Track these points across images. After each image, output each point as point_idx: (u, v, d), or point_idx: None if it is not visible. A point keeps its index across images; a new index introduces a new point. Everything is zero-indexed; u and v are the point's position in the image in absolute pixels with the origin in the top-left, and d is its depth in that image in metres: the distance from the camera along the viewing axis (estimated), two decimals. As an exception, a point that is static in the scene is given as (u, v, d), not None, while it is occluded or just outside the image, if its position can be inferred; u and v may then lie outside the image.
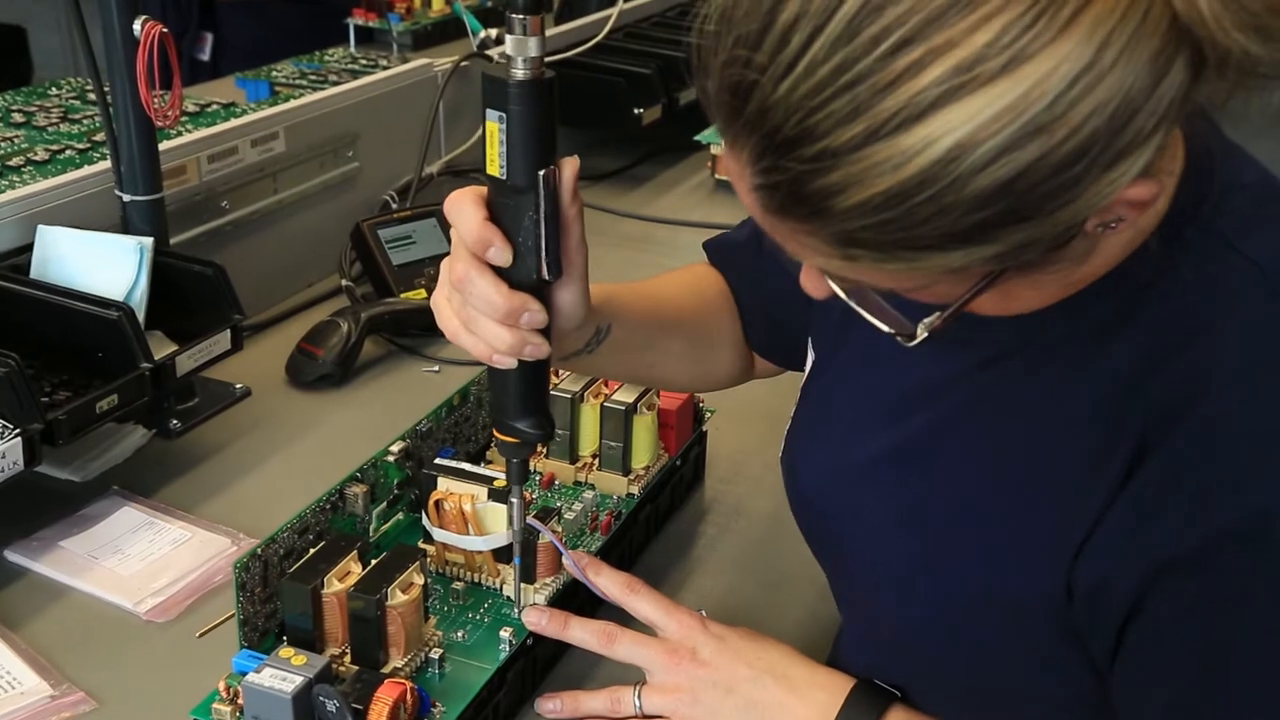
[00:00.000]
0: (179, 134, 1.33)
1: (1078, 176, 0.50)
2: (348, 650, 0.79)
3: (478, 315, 0.69)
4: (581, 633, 0.79)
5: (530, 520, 0.84)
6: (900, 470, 0.70)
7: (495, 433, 0.75)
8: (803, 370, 0.84)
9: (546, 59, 0.64)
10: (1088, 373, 0.62)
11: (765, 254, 0.87)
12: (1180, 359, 0.59)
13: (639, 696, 0.76)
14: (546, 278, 0.68)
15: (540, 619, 0.80)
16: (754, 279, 0.90)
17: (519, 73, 0.63)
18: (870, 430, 0.72)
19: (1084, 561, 0.61)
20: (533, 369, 0.72)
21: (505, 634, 0.82)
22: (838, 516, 0.74)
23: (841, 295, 0.62)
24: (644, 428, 0.99)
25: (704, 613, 0.78)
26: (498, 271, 0.68)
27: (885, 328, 0.61)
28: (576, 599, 0.89)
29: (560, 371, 1.03)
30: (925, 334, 0.60)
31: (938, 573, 0.67)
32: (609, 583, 0.80)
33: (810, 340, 0.83)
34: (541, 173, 0.65)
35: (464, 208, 0.67)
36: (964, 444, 0.67)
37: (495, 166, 0.66)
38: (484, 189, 0.68)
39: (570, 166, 0.67)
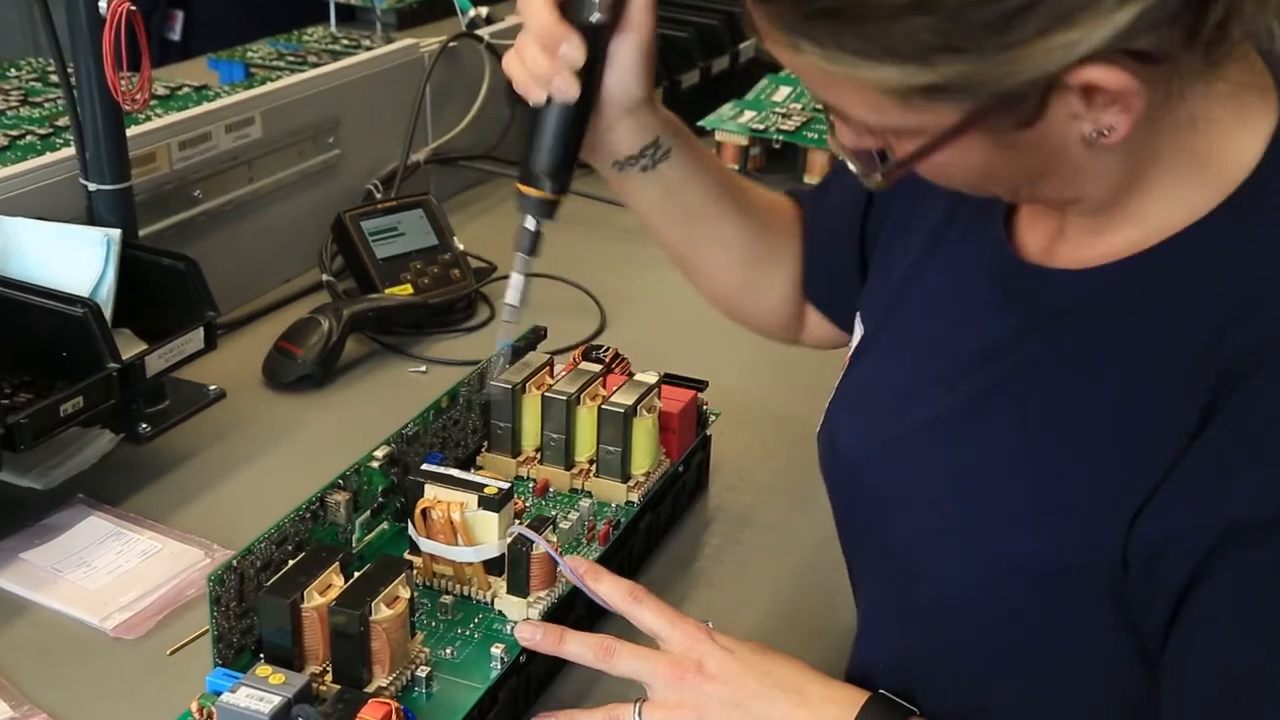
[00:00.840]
0: (148, 119, 1.33)
1: (1016, 14, 0.55)
2: (329, 668, 0.79)
3: (528, 39, 0.78)
4: (578, 647, 0.79)
5: (523, 530, 0.84)
6: (951, 435, 0.71)
7: (517, 186, 0.81)
8: (848, 338, 0.86)
9: None
10: (1162, 329, 0.63)
11: (827, 197, 0.93)
12: (1260, 313, 0.61)
13: (640, 714, 0.76)
14: (596, 17, 0.76)
15: (534, 634, 0.80)
16: (815, 225, 0.94)
17: None
18: (924, 397, 0.73)
19: (1144, 524, 0.62)
20: (564, 115, 0.78)
21: (497, 651, 0.82)
22: (882, 489, 0.75)
23: (832, 139, 0.67)
24: (644, 431, 0.99)
25: (710, 623, 0.78)
26: (562, 7, 0.76)
27: (853, 166, 0.67)
28: (573, 613, 0.89)
29: (555, 372, 1.04)
30: (880, 177, 0.65)
31: (983, 539, 0.68)
32: (610, 591, 0.81)
33: (859, 314, 0.85)
34: None
35: None
36: (1019, 404, 0.68)
37: None
38: None
39: None
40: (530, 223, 0.81)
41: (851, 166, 0.67)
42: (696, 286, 0.98)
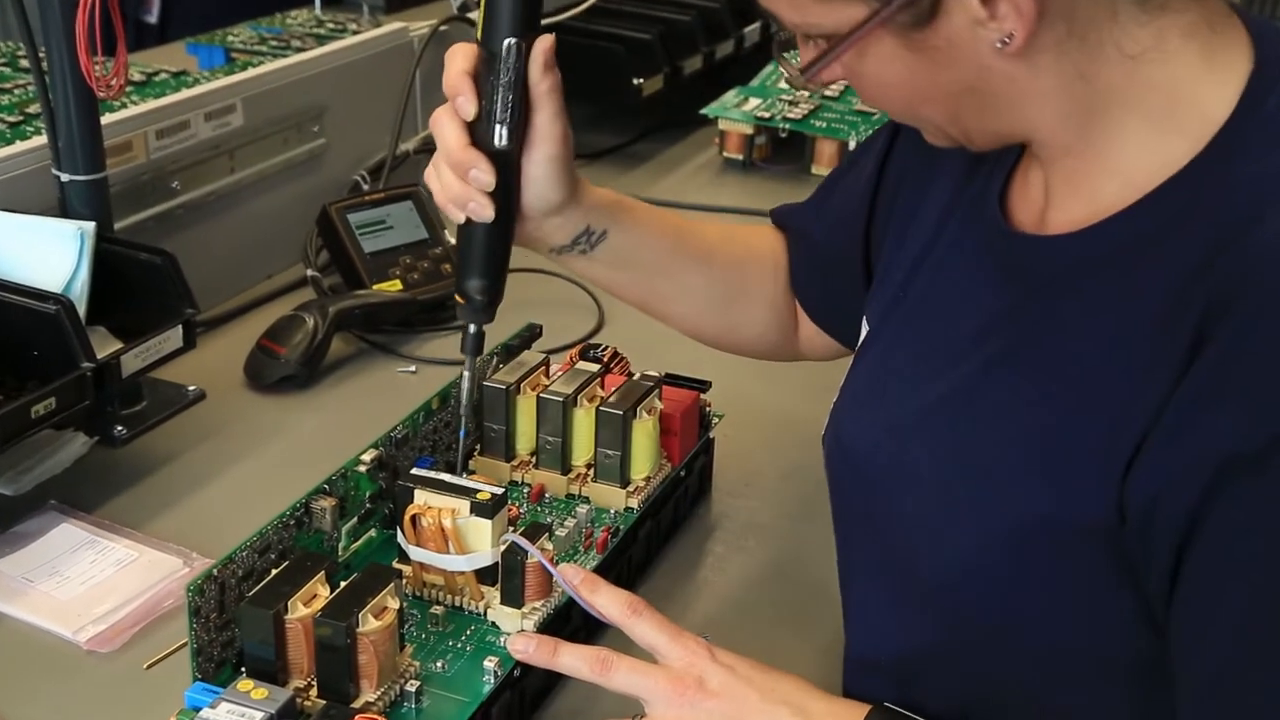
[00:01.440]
0: (123, 106, 1.33)
1: None
2: (314, 683, 0.79)
3: (441, 162, 0.84)
4: (574, 660, 0.79)
5: (516, 539, 0.84)
6: (954, 413, 0.74)
7: (455, 295, 0.87)
8: (852, 349, 0.88)
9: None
10: (1146, 283, 0.66)
11: (824, 212, 0.96)
12: (1236, 250, 0.63)
13: None
14: (500, 143, 0.82)
15: (528, 646, 0.80)
16: (810, 239, 0.97)
17: None
18: (928, 381, 0.76)
19: (1137, 474, 0.64)
20: (486, 232, 0.84)
21: (489, 664, 0.82)
22: (888, 477, 0.77)
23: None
24: (644, 434, 0.99)
25: (708, 637, 0.78)
26: (471, 130, 0.82)
27: (784, 72, 0.74)
28: (570, 624, 0.89)
29: (550, 372, 1.04)
30: (801, 73, 0.71)
31: (983, 509, 0.71)
32: (607, 603, 0.80)
33: (865, 314, 0.87)
34: (508, 41, 0.80)
35: (454, 58, 0.82)
36: (1015, 373, 0.71)
37: (479, 28, 0.82)
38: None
39: (543, 43, 0.81)
40: (471, 327, 0.87)
41: (783, 73, 0.75)
42: (670, 323, 1.00)
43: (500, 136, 0.82)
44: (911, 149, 0.85)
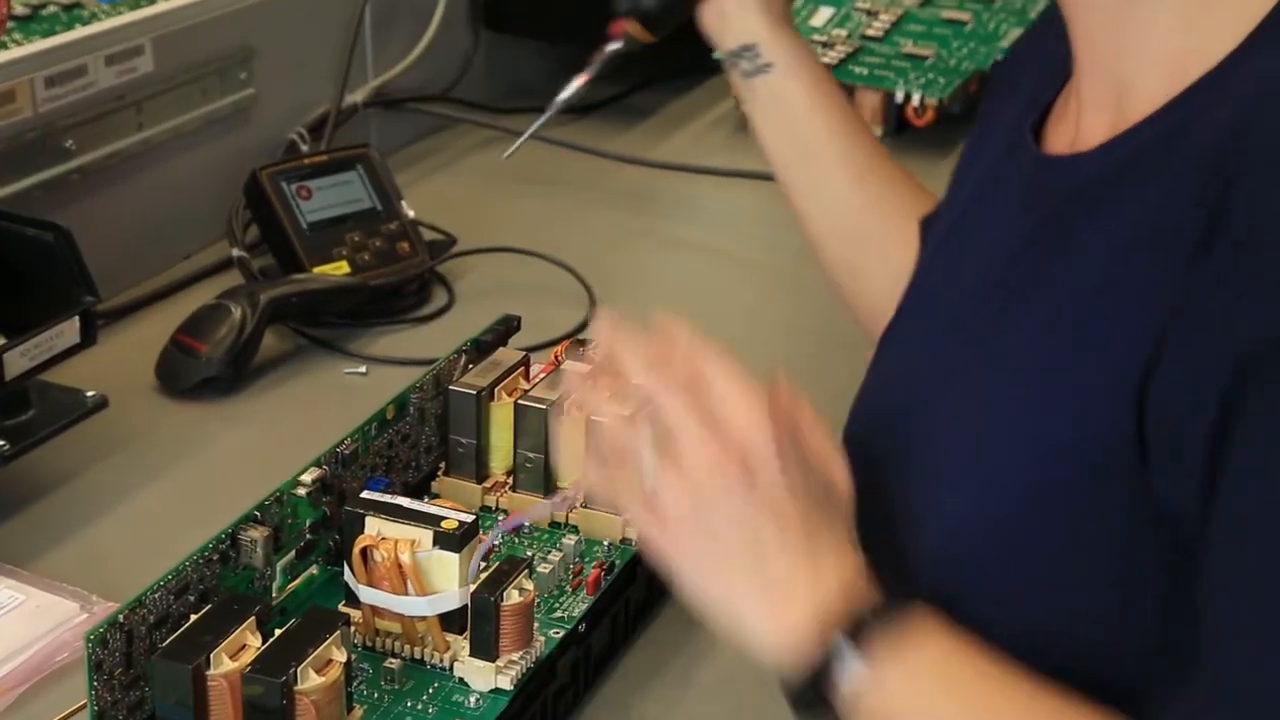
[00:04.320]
0: (4, 47, 1.33)
1: None
2: (242, 753, 0.79)
3: None
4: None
5: (502, 525, 0.86)
6: (965, 359, 0.80)
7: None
8: None
9: None
10: (1158, 185, 0.71)
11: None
12: (1254, 125, 0.67)
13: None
14: None
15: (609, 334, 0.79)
16: None
17: None
18: (947, 330, 0.83)
19: (1156, 386, 0.68)
20: None
21: (458, 731, 0.83)
22: (896, 446, 0.81)
23: None
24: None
25: None
26: None
27: None
28: (556, 680, 0.89)
29: (531, 374, 1.04)
30: None
31: (991, 452, 0.76)
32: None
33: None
34: None
35: None
36: (1027, 307, 0.76)
37: None
38: None
39: None
40: (612, 44, 1.04)
41: None
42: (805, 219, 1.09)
43: None
44: (997, 87, 0.95)
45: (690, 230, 1.56)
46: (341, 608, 0.89)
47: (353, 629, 0.88)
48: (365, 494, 0.90)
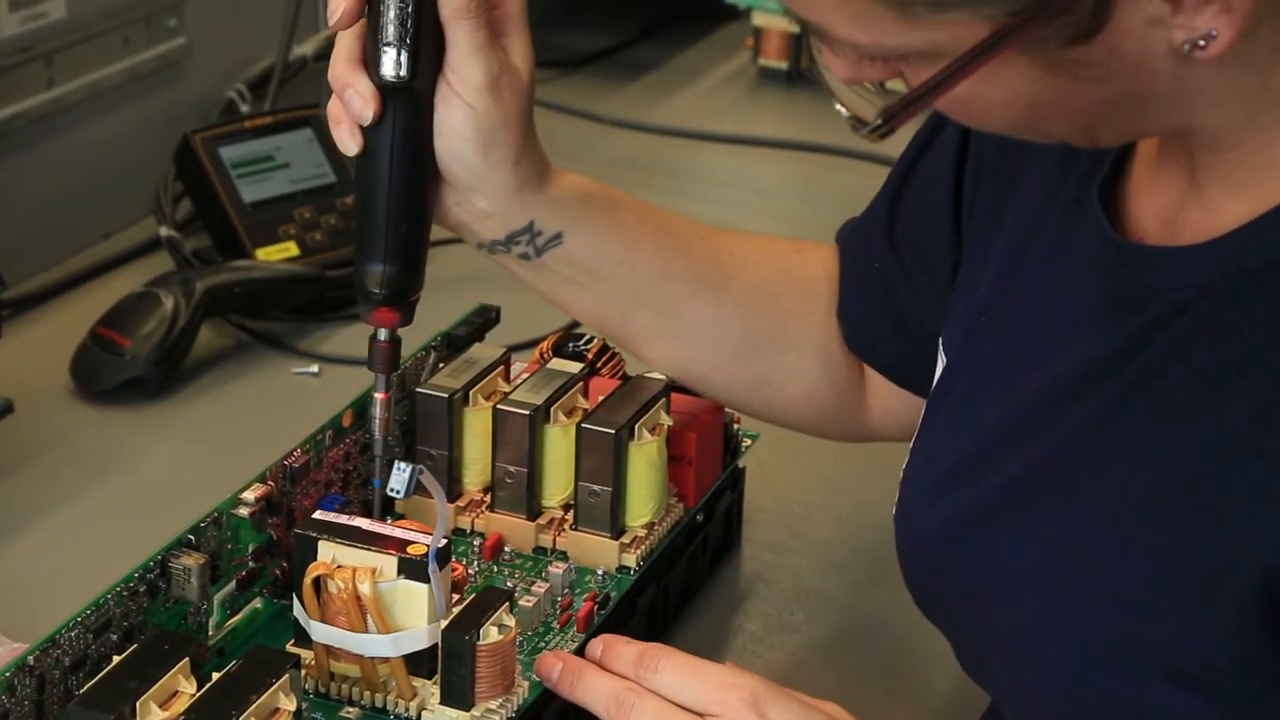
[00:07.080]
0: (-109, -10, 1.34)
1: None
2: (176, 814, 0.80)
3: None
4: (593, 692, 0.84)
5: (416, 475, 0.86)
6: (1044, 496, 0.77)
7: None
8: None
9: None
10: None
11: (899, 218, 0.96)
12: None
13: None
14: (387, 73, 0.86)
15: (552, 670, 0.85)
16: (880, 258, 0.97)
17: None
18: (1010, 447, 0.78)
19: None
20: (382, 191, 0.88)
21: (426, 788, 0.84)
22: (966, 576, 0.80)
23: (818, 66, 0.74)
24: (645, 463, 1.00)
25: None
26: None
27: (843, 110, 0.73)
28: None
29: (512, 374, 1.05)
30: (881, 120, 0.71)
31: (1088, 618, 0.75)
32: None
33: (941, 342, 0.90)
34: None
35: None
36: (1125, 445, 0.74)
37: None
38: None
39: None
40: (380, 333, 0.91)
41: (841, 110, 0.73)
42: (668, 373, 1.03)
43: (386, 63, 0.87)
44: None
45: (696, 205, 1.52)
46: (290, 648, 0.89)
47: (303, 672, 0.87)
48: (318, 514, 0.90)
